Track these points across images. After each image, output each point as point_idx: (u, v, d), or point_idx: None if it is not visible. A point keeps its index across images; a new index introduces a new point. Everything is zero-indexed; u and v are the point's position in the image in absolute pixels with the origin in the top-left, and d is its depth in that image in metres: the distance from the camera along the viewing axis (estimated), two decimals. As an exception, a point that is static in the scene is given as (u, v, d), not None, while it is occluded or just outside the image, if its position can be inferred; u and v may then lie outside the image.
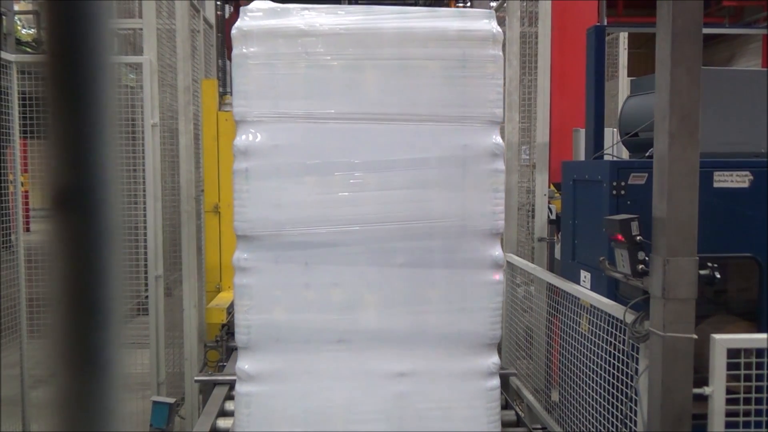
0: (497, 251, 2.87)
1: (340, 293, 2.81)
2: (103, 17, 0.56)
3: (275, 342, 2.81)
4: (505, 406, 3.46)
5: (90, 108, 0.54)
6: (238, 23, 2.79)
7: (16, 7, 6.86)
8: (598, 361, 3.19)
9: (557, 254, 4.69)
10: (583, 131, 4.51)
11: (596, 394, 3.21)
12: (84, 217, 0.54)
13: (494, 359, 2.92)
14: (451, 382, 2.87)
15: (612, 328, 3.03)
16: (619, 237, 2.78)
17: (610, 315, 3.06)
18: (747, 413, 2.58)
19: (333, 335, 2.82)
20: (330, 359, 2.83)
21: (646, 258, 2.67)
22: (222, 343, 4.73)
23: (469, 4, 9.98)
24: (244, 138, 2.76)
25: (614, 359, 3.02)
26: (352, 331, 2.82)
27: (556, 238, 5.04)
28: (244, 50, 2.77)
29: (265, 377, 2.83)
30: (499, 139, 2.84)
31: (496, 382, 2.92)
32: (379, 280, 2.81)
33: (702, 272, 2.59)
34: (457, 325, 2.86)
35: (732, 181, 3.25)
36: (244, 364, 2.85)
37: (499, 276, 2.88)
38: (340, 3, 8.13)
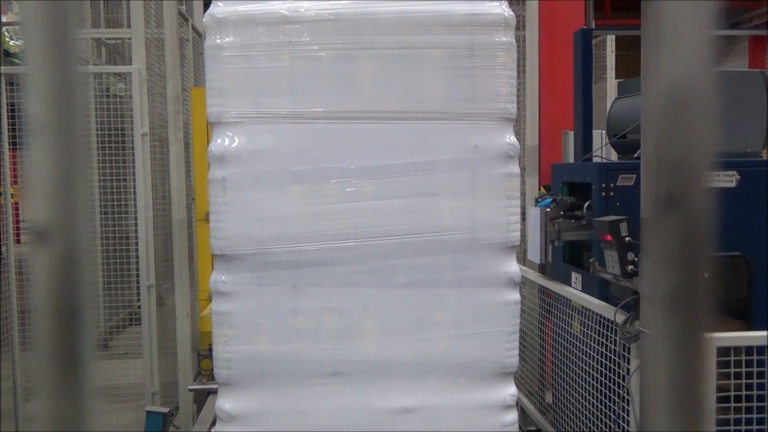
0: (513, 267, 2.54)
1: (333, 319, 2.48)
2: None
3: (260, 377, 2.49)
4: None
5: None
6: (210, 9, 2.46)
7: (4, 19, 6.85)
8: (590, 362, 3.21)
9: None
10: (572, 134, 4.53)
11: (589, 395, 3.23)
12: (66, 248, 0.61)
13: (511, 390, 2.58)
14: (462, 417, 2.53)
15: (603, 328, 3.05)
16: (609, 238, 2.80)
17: (601, 316, 3.08)
18: (738, 411, 2.61)
19: (326, 368, 2.48)
20: (323, 395, 2.50)
21: (636, 259, 2.69)
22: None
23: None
24: (219, 142, 2.42)
25: (606, 360, 3.04)
26: (349, 362, 2.49)
27: (547, 240, 5.05)
28: (218, 41, 2.42)
29: (248, 418, 2.50)
30: (513, 139, 2.52)
31: (513, 416, 2.58)
32: (378, 303, 2.48)
33: (691, 272, 2.61)
34: (469, 352, 2.52)
35: (719, 180, 3.28)
36: (224, 402, 2.51)
37: (515, 295, 2.55)
38: None
